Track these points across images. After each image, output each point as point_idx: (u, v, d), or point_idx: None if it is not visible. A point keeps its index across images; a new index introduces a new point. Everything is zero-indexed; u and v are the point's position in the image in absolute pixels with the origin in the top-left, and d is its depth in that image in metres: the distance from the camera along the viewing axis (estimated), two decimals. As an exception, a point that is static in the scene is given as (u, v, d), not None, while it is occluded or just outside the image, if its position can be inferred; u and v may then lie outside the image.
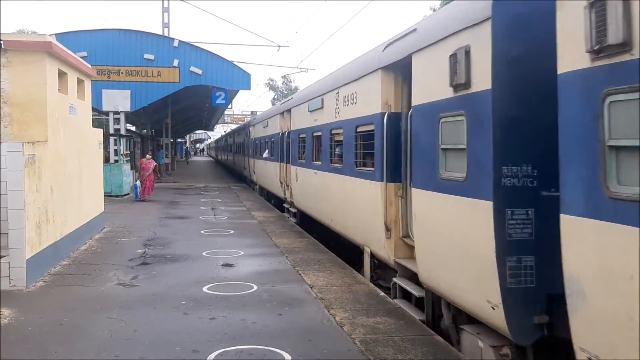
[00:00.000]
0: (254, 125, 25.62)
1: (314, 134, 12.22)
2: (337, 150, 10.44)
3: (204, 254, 10.19)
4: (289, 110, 15.97)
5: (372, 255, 8.36)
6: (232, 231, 12.97)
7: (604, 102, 3.50)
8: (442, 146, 5.86)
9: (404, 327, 6.21)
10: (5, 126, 8.39)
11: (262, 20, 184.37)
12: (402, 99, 7.72)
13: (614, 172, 3.49)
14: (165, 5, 28.57)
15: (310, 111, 12.51)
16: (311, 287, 7.85)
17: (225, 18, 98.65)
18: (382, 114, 7.77)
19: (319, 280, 8.25)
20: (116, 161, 21.39)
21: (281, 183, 17.10)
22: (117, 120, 23.17)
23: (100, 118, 31.43)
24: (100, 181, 13.06)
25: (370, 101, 8.30)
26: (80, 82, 11.04)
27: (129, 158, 22.64)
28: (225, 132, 64.13)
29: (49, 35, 9.45)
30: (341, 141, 10.01)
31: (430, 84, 6.21)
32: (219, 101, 25.27)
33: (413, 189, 6.74)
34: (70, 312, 6.60)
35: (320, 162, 11.75)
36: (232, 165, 40.63)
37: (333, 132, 10.58)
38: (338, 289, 7.81)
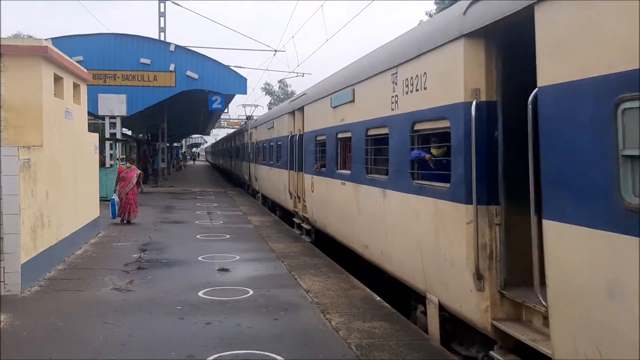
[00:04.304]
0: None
1: None
2: None
3: (199, 258, 10.18)
4: None
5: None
6: (228, 236, 12.95)
7: None
8: None
9: (400, 331, 6.21)
10: (1, 130, 8.38)
11: (259, 25, 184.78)
12: None
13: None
14: (162, 9, 28.59)
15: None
16: (307, 292, 7.85)
17: (221, 22, 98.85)
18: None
19: (314, 285, 8.25)
20: (112, 166, 21.37)
21: None
22: (113, 125, 23.18)
23: (96, 122, 31.42)
24: (95, 185, 13.04)
25: None
26: (76, 86, 11.03)
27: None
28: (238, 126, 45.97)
29: (45, 39, 9.46)
30: None
31: None
32: (215, 105, 25.25)
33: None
34: (65, 317, 6.58)
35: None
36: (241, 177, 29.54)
37: None
38: (334, 293, 7.81)
